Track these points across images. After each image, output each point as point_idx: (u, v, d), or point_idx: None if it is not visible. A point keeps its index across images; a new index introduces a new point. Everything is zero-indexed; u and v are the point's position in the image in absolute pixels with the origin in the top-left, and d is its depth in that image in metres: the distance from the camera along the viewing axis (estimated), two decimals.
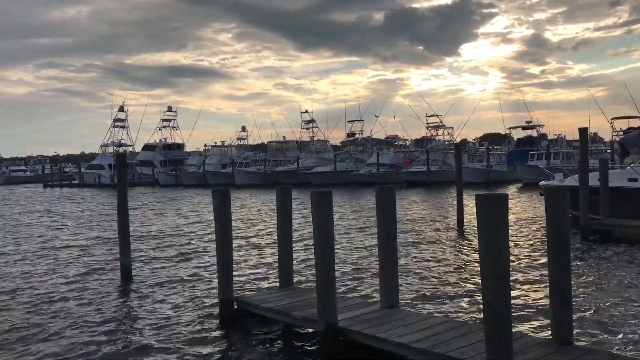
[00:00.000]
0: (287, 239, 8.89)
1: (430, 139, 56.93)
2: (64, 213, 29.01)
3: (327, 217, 6.84)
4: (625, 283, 9.89)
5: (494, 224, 4.90)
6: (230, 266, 8.32)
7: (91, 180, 63.45)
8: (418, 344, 5.93)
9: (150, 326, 8.21)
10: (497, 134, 76.92)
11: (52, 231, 20.66)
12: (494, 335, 4.90)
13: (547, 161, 40.86)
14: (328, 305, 6.67)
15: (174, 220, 23.65)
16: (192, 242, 16.55)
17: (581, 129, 15.89)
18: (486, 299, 4.96)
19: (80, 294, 10.34)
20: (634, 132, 29.76)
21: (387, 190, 7.52)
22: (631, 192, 15.83)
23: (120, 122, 69.53)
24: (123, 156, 12.61)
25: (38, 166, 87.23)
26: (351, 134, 63.28)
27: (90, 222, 23.55)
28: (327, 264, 6.75)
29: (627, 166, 17.41)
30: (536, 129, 53.35)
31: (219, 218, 8.32)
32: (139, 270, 12.26)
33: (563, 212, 5.91)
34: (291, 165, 55.49)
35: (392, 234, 7.50)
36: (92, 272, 12.34)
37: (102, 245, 16.53)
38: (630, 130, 43.17)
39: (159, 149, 68.75)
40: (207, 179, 54.90)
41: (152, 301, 9.68)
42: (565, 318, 5.91)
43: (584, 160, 15.51)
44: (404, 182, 43.95)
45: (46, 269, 12.94)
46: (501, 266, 4.90)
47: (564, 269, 5.89)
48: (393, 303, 7.47)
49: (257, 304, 8.01)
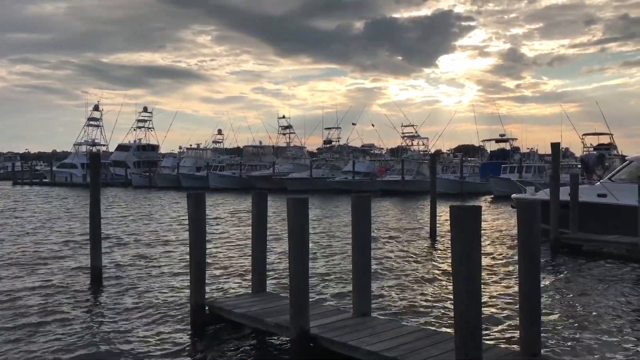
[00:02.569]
0: (262, 245, 8.86)
1: (406, 149, 57.39)
2: (33, 212, 28.46)
3: (302, 223, 6.84)
4: (594, 296, 10.09)
5: (468, 236, 4.97)
6: (203, 270, 8.25)
7: (62, 179, 62.43)
8: (389, 352, 5.96)
9: (118, 331, 8.09)
10: (471, 146, 77.82)
11: (20, 230, 20.25)
12: (464, 345, 4.96)
13: (519, 174, 41.52)
14: (300, 312, 6.67)
15: (146, 222, 23.38)
16: (164, 245, 16.38)
17: (553, 144, 16.22)
18: (457, 309, 5.02)
19: (46, 297, 10.09)
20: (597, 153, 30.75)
21: (363, 199, 7.57)
22: (600, 207, 16.17)
23: (94, 121, 68.75)
24: (97, 156, 12.44)
25: (8, 163, 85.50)
26: (328, 141, 63.47)
27: (59, 223, 23.14)
28: (301, 270, 6.75)
29: (597, 182, 17.78)
30: (509, 142, 54.22)
31: (193, 221, 8.25)
32: (110, 273, 12.09)
33: (534, 225, 6.01)
34: (267, 171, 55.40)
35: (366, 242, 7.55)
36: (60, 275, 12.11)
37: (71, 246, 16.25)
38: (601, 146, 44.24)
39: (133, 149, 68.02)
40: (181, 181, 54.49)
41: (121, 305, 9.54)
42: (534, 330, 6.00)
43: (555, 174, 15.81)
44: (379, 191, 44.20)
45: (13, 268, 12.66)
46: (473, 277, 4.96)
47: (534, 281, 5.99)
48: (366, 311, 7.50)
49: (229, 309, 7.96)
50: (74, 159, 64.38)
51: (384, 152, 69.14)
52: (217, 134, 71.18)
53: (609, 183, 16.79)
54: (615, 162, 36.34)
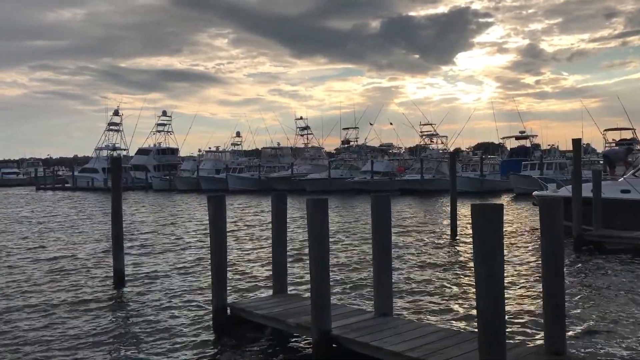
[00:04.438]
0: (282, 246, 8.88)
1: (424, 148, 57.07)
2: (57, 216, 28.86)
3: (322, 224, 6.84)
4: (618, 294, 9.93)
5: (490, 234, 4.92)
6: (224, 272, 8.30)
7: (84, 183, 63.26)
8: (411, 352, 5.93)
9: (142, 333, 8.17)
10: (490, 144, 76.91)
11: (44, 234, 20.55)
12: (488, 345, 4.91)
13: (540, 171, 41.01)
14: (322, 312, 6.67)
15: (167, 225, 23.57)
16: (185, 248, 16.50)
17: (575, 140, 15.95)
18: (481, 309, 4.98)
19: (72, 300, 10.26)
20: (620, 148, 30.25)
21: (382, 199, 7.53)
22: (624, 203, 15.93)
23: (114, 125, 69.45)
24: (118, 160, 12.57)
25: (31, 169, 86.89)
26: (346, 141, 63.33)
27: (83, 226, 23.43)
28: (321, 271, 6.75)
29: (620, 178, 17.52)
30: (529, 139, 53.58)
31: (213, 224, 8.30)
32: (132, 275, 12.21)
33: (557, 223, 5.93)
34: (285, 172, 55.45)
35: (386, 242, 7.51)
36: (84, 277, 12.28)
37: (94, 249, 16.45)
38: (623, 142, 43.54)
39: (153, 153, 68.58)
40: (200, 184, 54.81)
41: (144, 307, 9.63)
42: (558, 328, 5.93)
43: (577, 171, 15.59)
44: (398, 190, 43.98)
45: (38, 273, 12.86)
46: (496, 276, 4.92)
47: (558, 279, 5.92)
48: (387, 311, 7.47)
49: (251, 310, 7.99)
50: (95, 164, 65.17)
51: (402, 151, 68.84)
52: (236, 136, 71.70)
53: (632, 179, 16.53)
54: (638, 157, 35.75)
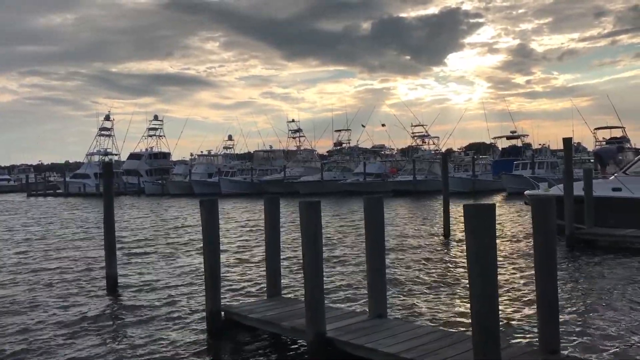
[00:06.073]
0: (275, 249, 8.87)
1: (416, 149, 57.26)
2: (49, 221, 28.70)
3: (315, 226, 6.83)
4: (612, 292, 9.98)
5: (482, 234, 4.93)
6: (217, 276, 8.26)
7: (76, 189, 63.01)
8: (406, 353, 5.93)
9: (136, 338, 8.12)
10: (482, 144, 77.37)
11: (34, 240, 20.42)
12: (482, 344, 4.92)
13: (532, 171, 41.25)
14: (316, 315, 6.67)
15: (159, 229, 23.49)
16: (178, 252, 16.45)
17: (565, 139, 16.05)
18: (474, 309, 4.98)
19: (64, 306, 10.17)
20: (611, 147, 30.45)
21: (375, 200, 7.54)
22: (615, 201, 16.02)
23: (106, 130, 69.31)
24: (110, 165, 12.56)
25: (22, 175, 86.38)
26: (338, 143, 63.45)
27: (75, 232, 23.31)
28: (315, 273, 6.75)
29: (611, 176, 17.63)
30: (521, 139, 53.91)
31: (206, 228, 8.27)
32: (125, 280, 12.15)
33: (549, 221, 5.96)
34: (278, 175, 55.52)
35: (380, 243, 7.52)
36: (77, 283, 12.20)
37: (87, 255, 16.36)
38: (613, 140, 43.84)
39: (144, 157, 68.48)
40: (193, 188, 54.73)
41: (138, 312, 9.58)
42: (552, 327, 5.96)
43: (568, 169, 15.67)
44: (390, 192, 44.11)
45: (30, 277, 12.77)
46: (489, 276, 4.93)
47: (551, 278, 5.94)
48: (381, 313, 7.47)
49: (245, 314, 7.97)
50: (87, 169, 64.95)
51: (394, 153, 69.05)
52: (228, 139, 71.66)
53: (623, 176, 16.64)
54: (628, 155, 35.99)
